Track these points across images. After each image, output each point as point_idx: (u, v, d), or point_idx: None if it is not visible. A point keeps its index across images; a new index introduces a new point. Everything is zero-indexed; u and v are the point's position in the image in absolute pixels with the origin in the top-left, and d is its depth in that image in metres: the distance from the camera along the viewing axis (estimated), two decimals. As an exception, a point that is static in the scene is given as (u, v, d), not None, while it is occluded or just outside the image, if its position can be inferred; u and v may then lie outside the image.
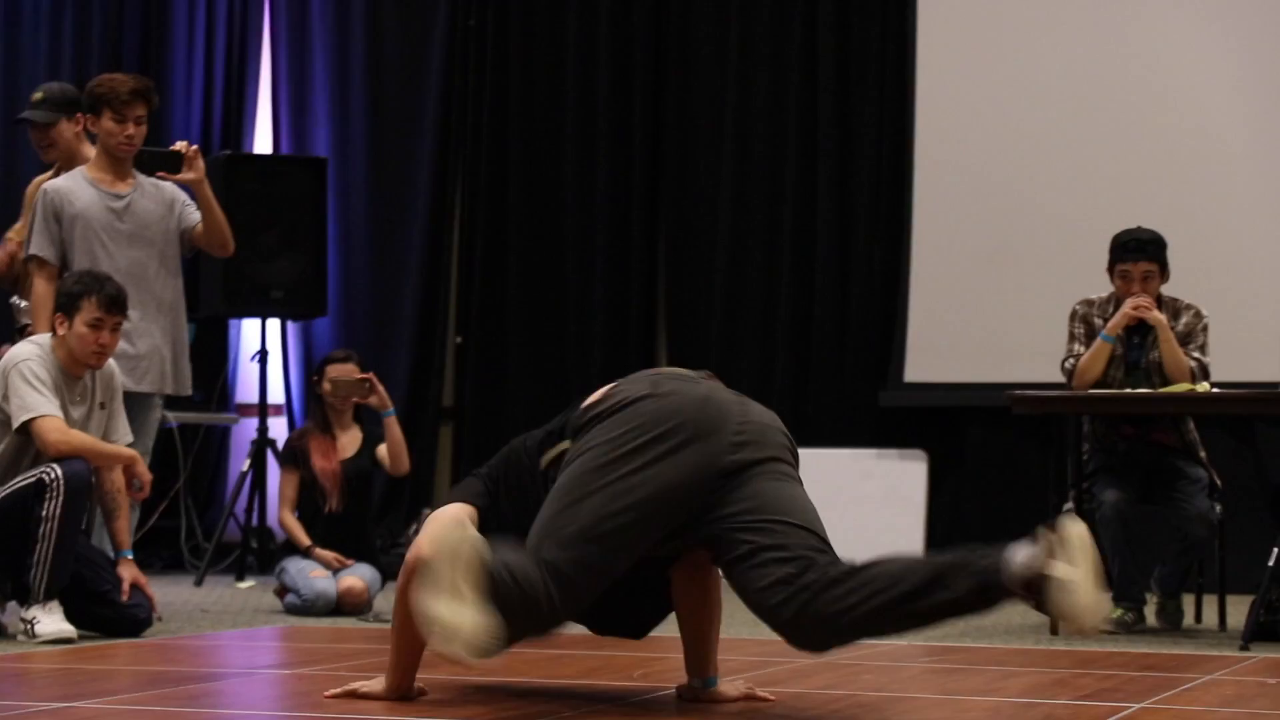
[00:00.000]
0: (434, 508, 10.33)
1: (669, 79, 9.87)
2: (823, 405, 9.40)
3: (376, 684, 4.23)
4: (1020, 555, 3.64)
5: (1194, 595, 6.85)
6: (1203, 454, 6.62)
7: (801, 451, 4.23)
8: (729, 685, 4.32)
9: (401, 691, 4.16)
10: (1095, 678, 4.93)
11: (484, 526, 4.06)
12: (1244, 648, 5.82)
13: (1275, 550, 5.99)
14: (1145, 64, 8.95)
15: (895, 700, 4.50)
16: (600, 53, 9.98)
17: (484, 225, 10.14)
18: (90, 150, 7.02)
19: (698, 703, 4.25)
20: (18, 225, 7.13)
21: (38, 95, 7.14)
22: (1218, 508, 6.47)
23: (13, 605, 5.90)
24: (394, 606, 4.16)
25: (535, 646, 4.26)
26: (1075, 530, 3.63)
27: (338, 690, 4.25)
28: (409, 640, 4.08)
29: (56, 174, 6.94)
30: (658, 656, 5.69)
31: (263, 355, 9.09)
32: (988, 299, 9.06)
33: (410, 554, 4.08)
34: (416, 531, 9.71)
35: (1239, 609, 6.34)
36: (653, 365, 9.86)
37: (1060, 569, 3.58)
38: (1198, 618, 6.83)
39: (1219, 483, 6.58)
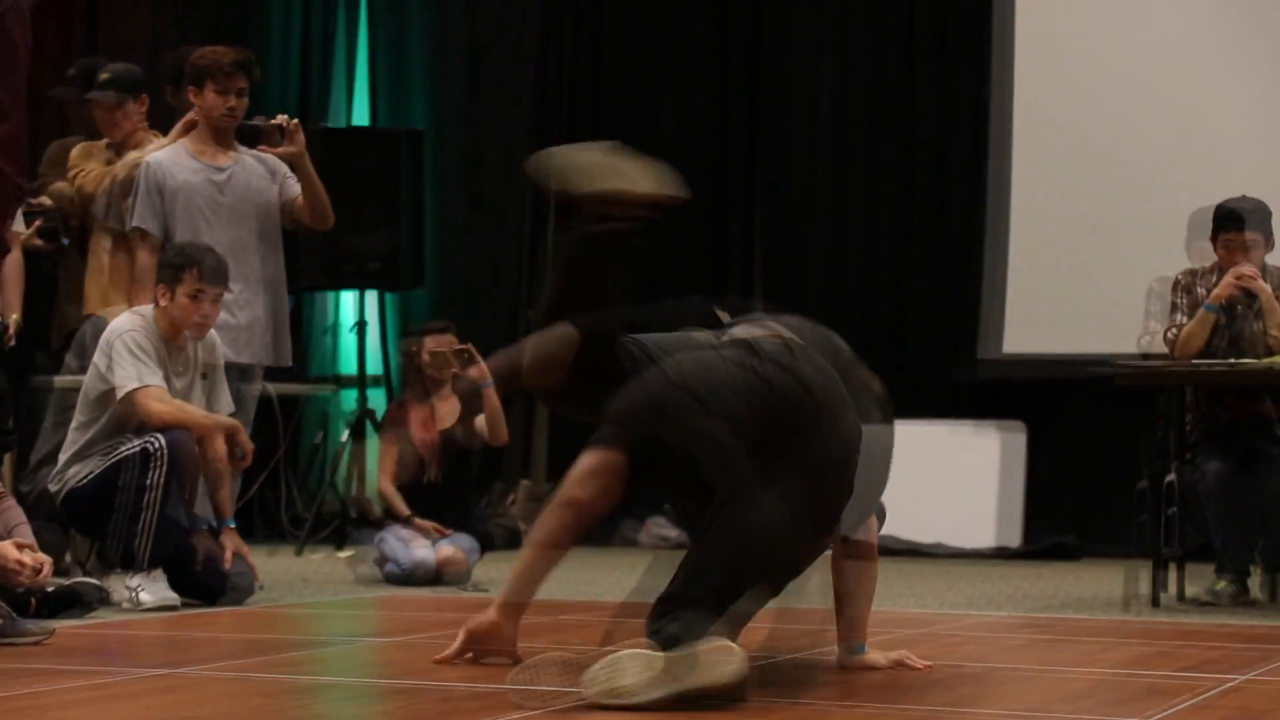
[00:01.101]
0: (533, 479, 10.40)
1: (766, 52, 9.84)
2: (922, 377, 9.36)
3: (488, 613, 4.19)
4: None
5: (1299, 568, 6.77)
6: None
7: (898, 425, 4.20)
8: (878, 654, 4.30)
9: (517, 600, 4.14)
10: (1199, 649, 4.88)
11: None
12: (1350, 620, 5.75)
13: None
14: (1250, 29, 8.83)
15: (997, 671, 4.48)
16: (697, 21, 9.96)
17: (580, 197, 10.13)
18: (149, 134, 7.09)
19: (846, 669, 4.26)
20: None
21: (104, 76, 7.19)
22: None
23: (118, 573, 5.96)
24: (539, 522, 4.17)
25: None
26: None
27: (450, 653, 4.24)
28: (542, 560, 4.12)
29: (117, 146, 7.03)
30: (755, 626, 5.69)
31: (361, 326, 9.14)
32: (1087, 270, 8.98)
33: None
34: (514, 503, 9.79)
35: (1345, 582, 6.27)
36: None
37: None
38: (1302, 590, 6.76)
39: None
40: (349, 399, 9.51)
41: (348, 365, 10.00)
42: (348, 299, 10.10)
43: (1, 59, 4.26)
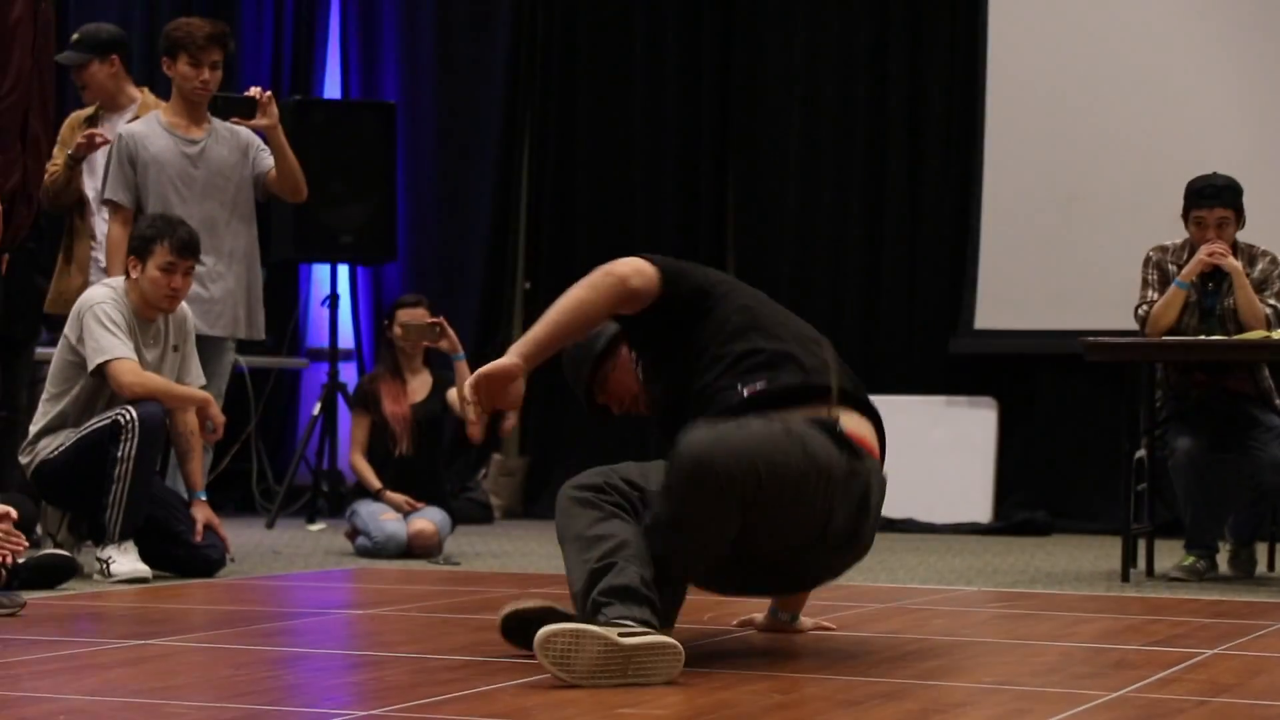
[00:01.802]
0: (504, 454, 10.41)
1: (738, 20, 9.83)
2: (892, 352, 9.37)
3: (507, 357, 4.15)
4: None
5: (1267, 543, 6.82)
6: (1278, 401, 6.56)
7: (871, 398, 4.21)
8: (805, 620, 4.48)
9: (537, 352, 4.15)
10: (1167, 624, 4.91)
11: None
12: (1317, 596, 5.78)
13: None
14: (1224, 5, 8.86)
15: (966, 644, 4.50)
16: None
17: (553, 171, 10.14)
18: (132, 90, 7.06)
19: (777, 633, 4.43)
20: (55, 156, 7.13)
21: (75, 37, 7.15)
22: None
23: (89, 545, 5.95)
24: (574, 289, 4.17)
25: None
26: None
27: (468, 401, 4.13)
28: (564, 328, 4.14)
29: (95, 114, 6.98)
30: (728, 600, 5.71)
31: (333, 300, 9.13)
32: (1060, 245, 9.00)
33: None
34: (486, 476, 9.79)
35: (1312, 557, 6.31)
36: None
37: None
38: (1270, 565, 6.80)
39: (1293, 430, 6.52)
40: (320, 373, 9.49)
41: (319, 339, 9.99)
42: (320, 272, 10.08)
43: None
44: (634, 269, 4.08)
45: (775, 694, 3.51)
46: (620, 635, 3.56)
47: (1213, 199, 6.50)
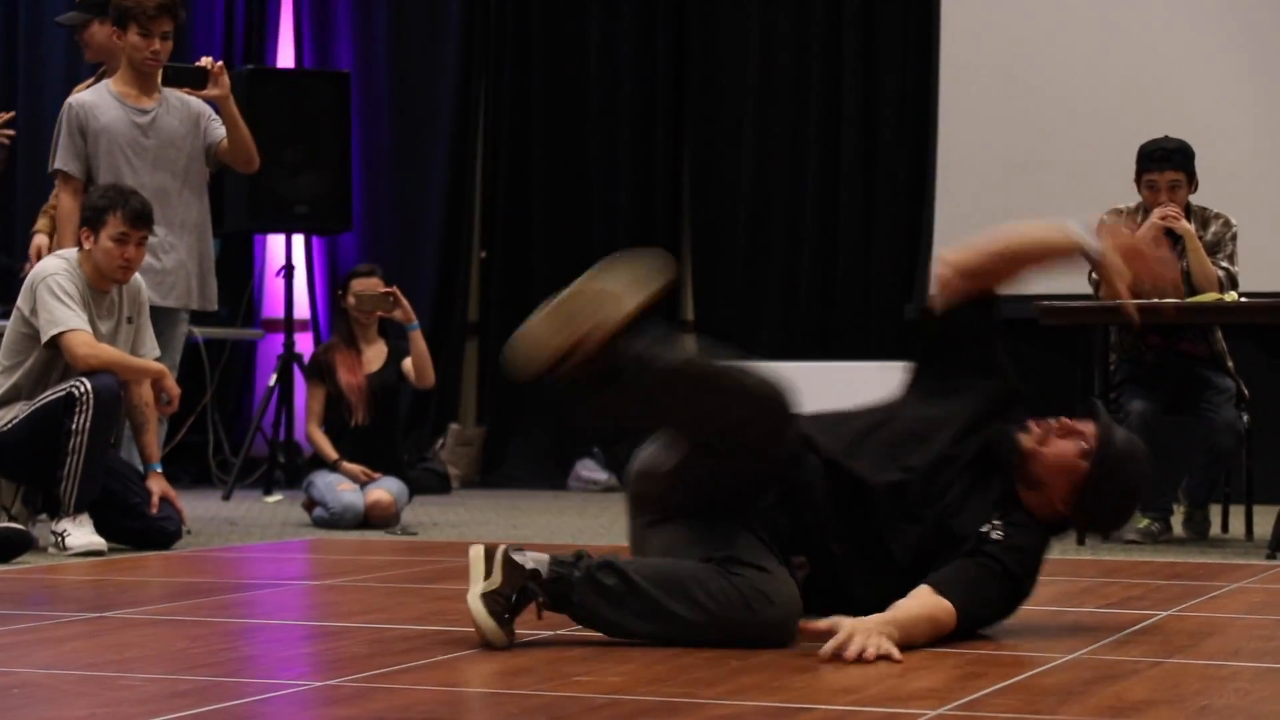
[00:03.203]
0: (461, 423, 10.42)
1: (694, -9, 9.83)
2: (848, 318, 9.38)
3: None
4: None
5: (1221, 505, 6.86)
6: (1230, 364, 6.60)
7: (826, 365, 4.25)
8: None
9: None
10: (1121, 586, 4.94)
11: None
12: (1270, 556, 5.82)
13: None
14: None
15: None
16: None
17: (508, 139, 10.12)
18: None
19: None
20: None
21: None
22: (1245, 418, 6.47)
23: (43, 518, 5.93)
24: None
25: None
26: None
27: None
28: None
29: (99, 78, 6.93)
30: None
31: (288, 270, 9.09)
32: (1014, 209, 8.98)
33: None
34: (444, 446, 9.79)
35: (1265, 518, 6.35)
36: (676, 279, 9.87)
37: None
38: (1224, 527, 6.84)
39: (1246, 393, 6.56)
40: (276, 344, 9.47)
41: (274, 309, 9.96)
42: (275, 242, 10.05)
43: None
44: None
45: (732, 659, 3.51)
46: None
47: (1163, 161, 6.51)
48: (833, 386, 4.38)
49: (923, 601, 3.66)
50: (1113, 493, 3.84)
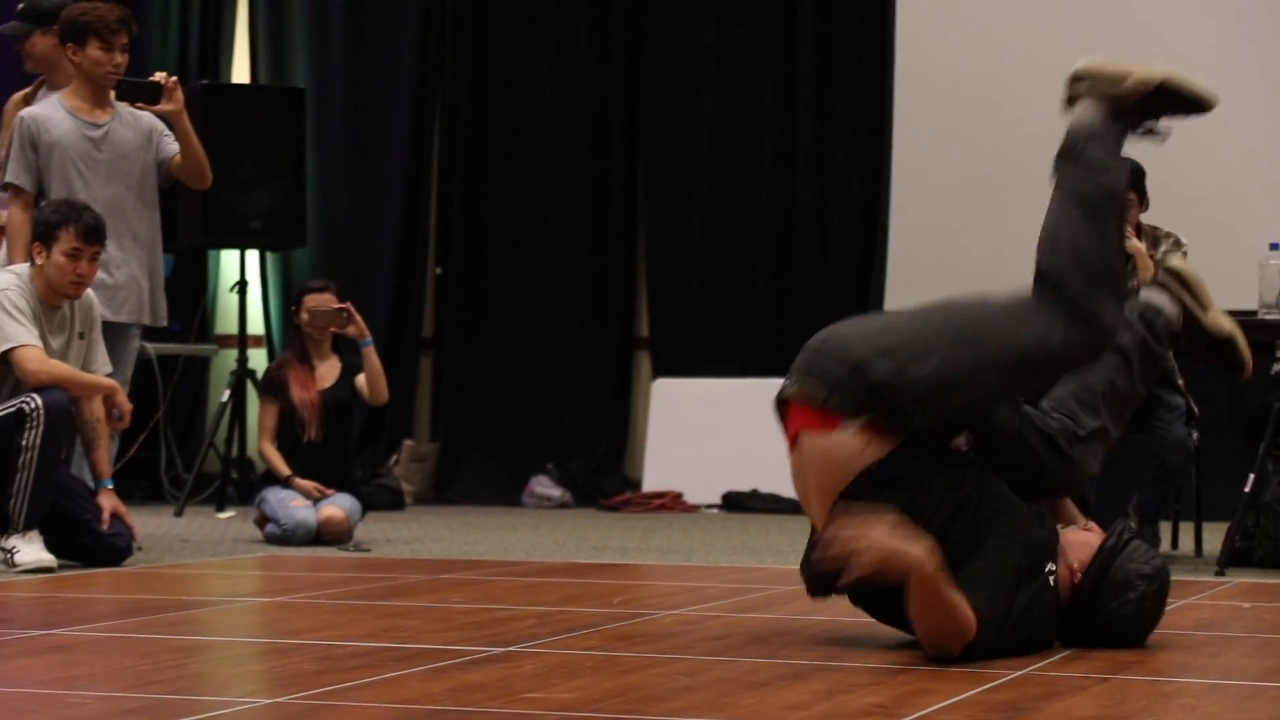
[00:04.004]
0: (415, 439, 10.38)
1: (649, 7, 9.84)
2: (803, 333, 9.36)
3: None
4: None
5: (1171, 522, 6.90)
6: (1180, 381, 6.63)
7: (782, 381, 4.23)
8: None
9: None
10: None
11: None
12: (1220, 573, 5.85)
13: (1251, 477, 6.03)
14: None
15: (871, 625, 4.52)
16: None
17: (463, 156, 10.12)
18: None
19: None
20: None
21: (19, 7, 7.08)
22: (1195, 435, 6.49)
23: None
24: None
25: None
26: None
27: None
28: None
29: (38, 87, 6.90)
30: (636, 584, 5.73)
31: (242, 286, 9.07)
32: (969, 224, 9.06)
33: None
34: (397, 462, 9.77)
35: (1215, 535, 6.38)
36: (631, 295, 9.89)
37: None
38: (1175, 544, 6.88)
39: (1196, 410, 6.59)
40: (229, 359, 9.44)
41: (228, 325, 9.93)
42: (229, 258, 10.03)
43: None
44: None
45: (681, 676, 3.52)
46: None
47: (1115, 181, 6.54)
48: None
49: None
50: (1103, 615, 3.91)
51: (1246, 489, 6.03)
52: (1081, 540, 3.97)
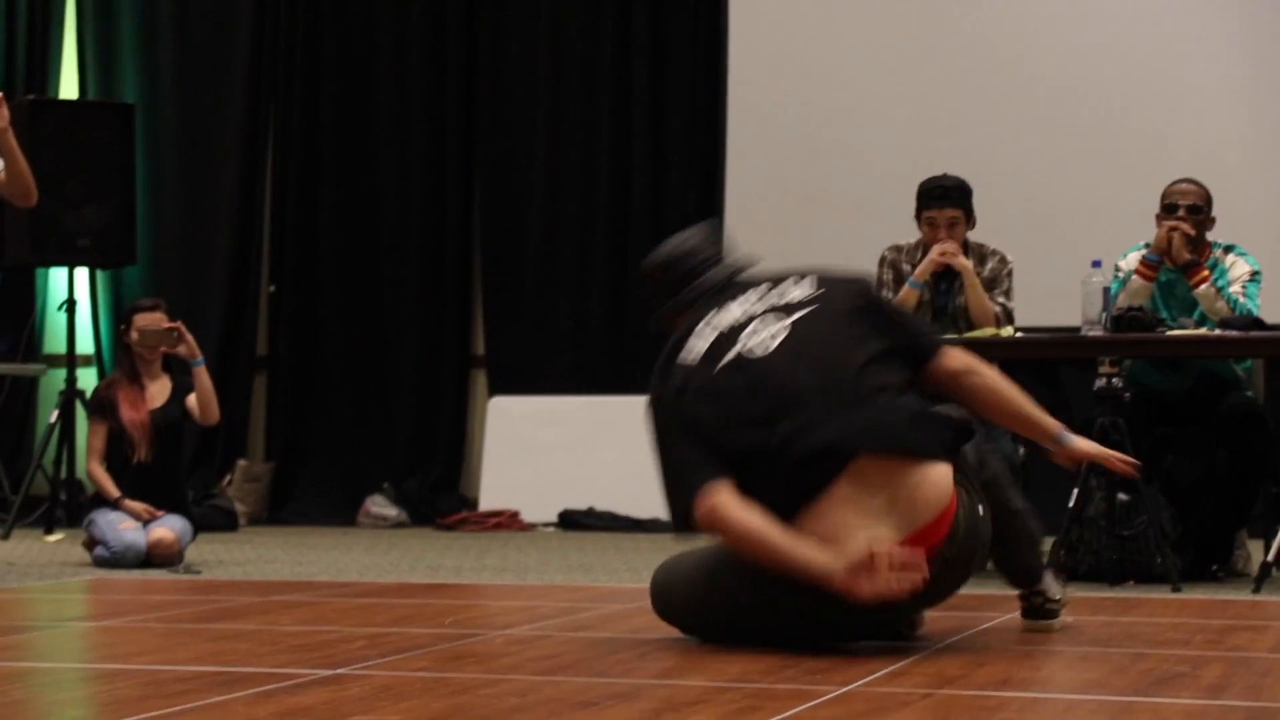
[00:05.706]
0: (249, 459, 10.29)
1: (483, 25, 9.84)
2: (639, 351, 9.43)
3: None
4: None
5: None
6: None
7: (618, 399, 4.28)
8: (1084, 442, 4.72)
9: None
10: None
11: None
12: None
13: (1075, 492, 6.14)
14: (955, 11, 9.07)
15: (706, 645, 4.54)
16: (413, 2, 9.93)
17: (296, 172, 10.06)
18: None
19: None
20: None
21: None
22: (1022, 450, 6.59)
23: None
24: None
25: None
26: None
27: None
28: None
29: None
30: (469, 604, 5.72)
31: (70, 304, 8.95)
32: (802, 244, 9.14)
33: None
34: (231, 483, 9.68)
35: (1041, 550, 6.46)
36: (467, 313, 9.87)
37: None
38: (1002, 558, 6.96)
39: (1023, 426, 6.69)
40: (58, 379, 9.30)
41: (56, 344, 9.79)
42: (57, 276, 9.88)
43: None
44: None
45: (512, 697, 3.52)
46: None
47: (942, 199, 6.65)
48: (625, 420, 4.39)
49: None
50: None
51: (1070, 504, 6.13)
52: None
